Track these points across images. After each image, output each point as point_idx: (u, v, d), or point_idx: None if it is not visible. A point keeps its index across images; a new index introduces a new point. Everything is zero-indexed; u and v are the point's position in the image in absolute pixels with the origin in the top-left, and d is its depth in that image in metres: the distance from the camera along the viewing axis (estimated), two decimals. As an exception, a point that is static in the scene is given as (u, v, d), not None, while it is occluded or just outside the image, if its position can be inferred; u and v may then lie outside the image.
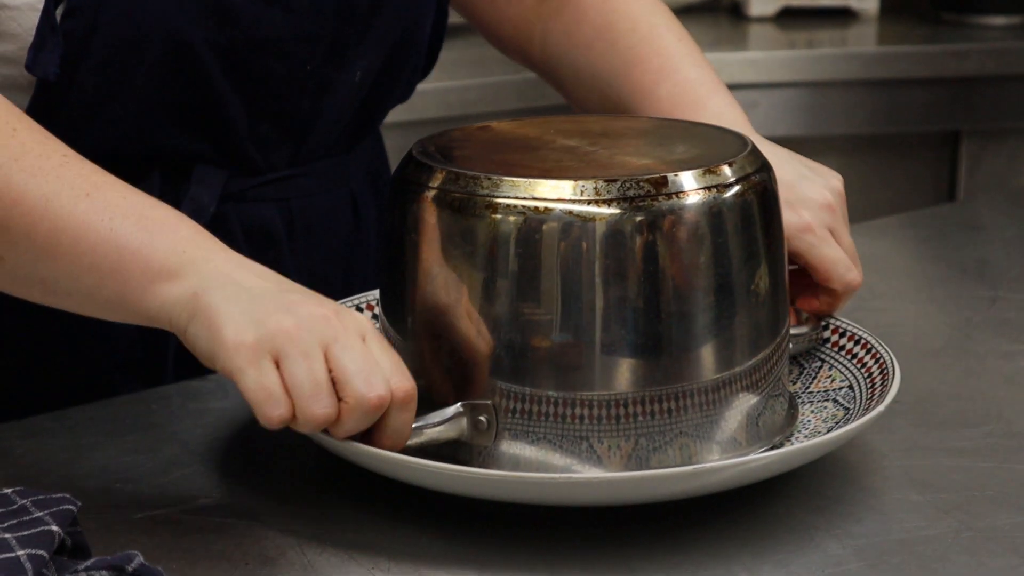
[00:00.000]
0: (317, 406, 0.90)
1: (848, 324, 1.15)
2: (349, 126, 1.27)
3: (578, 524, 0.95)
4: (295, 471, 1.03)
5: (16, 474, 1.02)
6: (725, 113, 1.21)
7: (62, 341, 1.20)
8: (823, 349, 1.14)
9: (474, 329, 0.96)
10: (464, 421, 0.96)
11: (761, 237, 0.99)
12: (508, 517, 0.95)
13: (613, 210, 0.94)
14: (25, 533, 0.81)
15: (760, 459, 0.95)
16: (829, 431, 1.02)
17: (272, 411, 0.90)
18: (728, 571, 0.90)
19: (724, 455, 0.97)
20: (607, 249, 0.94)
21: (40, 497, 0.86)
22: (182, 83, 1.14)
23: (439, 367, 0.97)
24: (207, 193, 1.18)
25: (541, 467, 0.95)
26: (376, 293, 1.20)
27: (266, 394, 0.90)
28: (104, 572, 0.77)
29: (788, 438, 1.03)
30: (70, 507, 0.85)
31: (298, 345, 0.90)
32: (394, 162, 1.45)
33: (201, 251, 0.95)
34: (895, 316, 1.37)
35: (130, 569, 0.77)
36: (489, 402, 0.96)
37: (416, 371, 0.95)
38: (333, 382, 0.90)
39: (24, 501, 0.86)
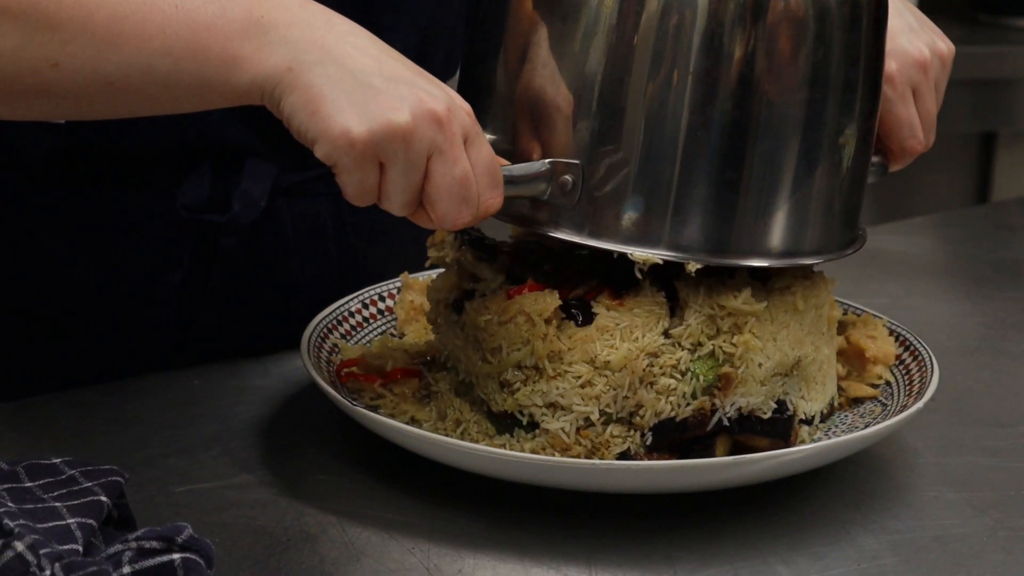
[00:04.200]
0: (402, 213, 0.90)
1: (887, 320, 1.15)
2: None
3: (617, 512, 0.96)
4: (337, 449, 1.04)
5: (60, 445, 1.03)
6: None
7: (101, 317, 1.21)
8: (861, 345, 1.14)
9: (567, 86, 0.94)
10: (549, 179, 0.95)
11: (865, 43, 0.98)
12: (547, 502, 0.96)
13: None
14: (75, 502, 0.82)
15: (798, 452, 0.95)
16: (867, 426, 1.03)
17: (360, 203, 0.91)
18: (764, 562, 0.91)
19: (779, 254, 0.98)
20: (712, 20, 0.92)
21: (88, 468, 0.87)
22: None
23: (526, 124, 0.97)
24: (258, 187, 1.17)
25: (618, 235, 0.95)
26: (396, 282, 1.21)
27: (362, 194, 0.89)
28: (154, 543, 0.78)
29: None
30: (118, 479, 0.86)
31: (407, 154, 0.87)
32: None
33: (281, 13, 0.89)
34: (930, 315, 1.37)
35: (180, 541, 0.78)
36: (577, 162, 0.95)
37: (503, 128, 0.95)
38: (425, 192, 0.89)
39: (73, 471, 0.86)
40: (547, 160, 0.95)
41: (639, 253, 0.95)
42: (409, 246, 1.33)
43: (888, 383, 1.10)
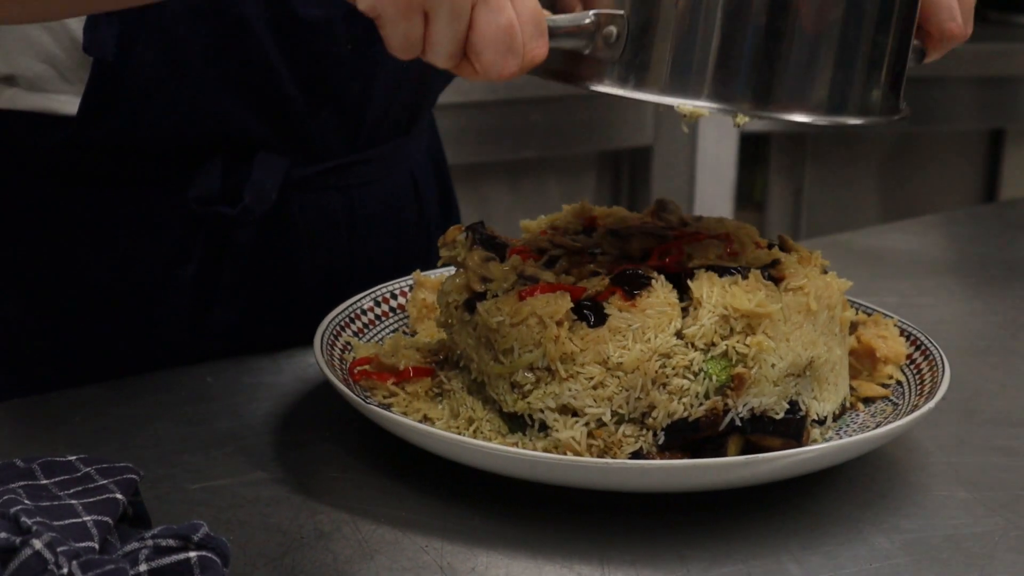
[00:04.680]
0: (447, 65, 0.88)
1: (898, 319, 1.15)
2: (404, 107, 1.28)
3: (629, 510, 0.96)
4: (350, 447, 1.04)
5: (75, 442, 1.03)
6: None
7: (114, 313, 1.21)
8: (873, 344, 1.14)
9: None
10: (594, 31, 0.94)
11: None
12: (560, 500, 0.96)
13: None
14: (91, 500, 0.82)
15: (810, 451, 0.95)
16: (878, 426, 1.03)
17: (405, 56, 0.89)
18: (776, 561, 0.91)
19: (824, 110, 0.96)
20: None
21: (104, 465, 0.87)
22: (239, 61, 1.14)
23: None
24: (269, 180, 1.18)
25: (662, 87, 0.94)
26: (408, 280, 1.21)
27: (407, 46, 0.88)
28: (171, 541, 0.78)
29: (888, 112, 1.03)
30: (133, 476, 0.86)
31: (452, 2, 0.85)
32: (446, 142, 1.46)
33: None
34: (941, 314, 1.37)
35: (196, 539, 0.78)
36: (622, 12, 0.94)
37: None
38: (469, 42, 0.87)
39: (88, 468, 0.87)
40: (592, 12, 0.94)
41: (685, 105, 0.94)
42: (419, 239, 1.34)
43: (899, 382, 1.10)
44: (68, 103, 1.14)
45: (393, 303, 1.20)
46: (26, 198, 1.19)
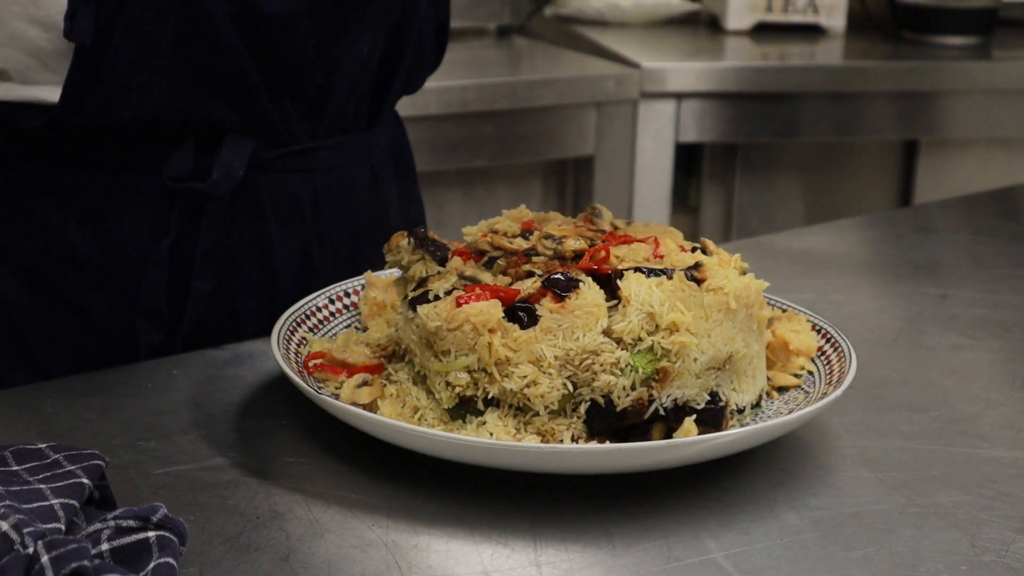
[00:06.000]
0: None
1: (810, 315, 1.16)
2: (364, 104, 1.30)
3: (560, 491, 0.97)
4: (304, 435, 1.04)
5: (48, 431, 1.03)
6: None
7: (101, 286, 1.22)
8: (787, 338, 1.15)
9: None
10: None
11: None
12: (497, 482, 0.97)
13: None
14: (58, 484, 0.82)
15: (727, 436, 0.96)
16: (790, 412, 1.04)
17: None
18: (695, 537, 0.92)
19: None
20: None
21: (72, 452, 0.87)
22: (205, 53, 1.16)
23: None
24: (236, 159, 1.21)
25: None
26: (361, 279, 1.22)
27: None
28: (131, 522, 0.78)
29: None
30: (99, 462, 0.86)
31: None
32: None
33: None
34: (853, 309, 1.39)
35: (155, 520, 0.78)
36: None
37: None
38: None
39: (57, 455, 0.87)
40: None
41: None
42: (378, 235, 1.35)
43: (810, 373, 1.11)
44: (51, 92, 1.17)
45: (347, 301, 1.20)
46: (13, 179, 1.21)
